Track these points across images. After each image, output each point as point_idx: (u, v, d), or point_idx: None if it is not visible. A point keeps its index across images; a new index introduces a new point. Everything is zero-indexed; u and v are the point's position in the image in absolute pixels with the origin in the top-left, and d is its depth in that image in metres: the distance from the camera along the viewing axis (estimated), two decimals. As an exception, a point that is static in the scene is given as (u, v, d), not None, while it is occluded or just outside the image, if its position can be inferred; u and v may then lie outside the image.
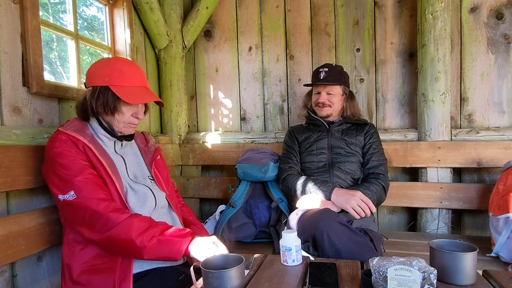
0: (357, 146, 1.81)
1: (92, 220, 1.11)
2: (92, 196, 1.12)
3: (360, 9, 2.27)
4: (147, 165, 1.40)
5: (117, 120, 1.24)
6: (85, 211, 1.11)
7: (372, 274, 0.88)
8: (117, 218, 1.11)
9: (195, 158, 2.44)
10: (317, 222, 1.34)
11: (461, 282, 0.92)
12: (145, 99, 1.25)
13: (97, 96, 1.21)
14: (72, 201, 1.12)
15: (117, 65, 1.24)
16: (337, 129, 1.84)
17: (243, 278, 0.95)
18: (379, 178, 1.69)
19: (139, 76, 1.28)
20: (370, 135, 1.82)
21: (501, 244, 1.50)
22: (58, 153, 1.14)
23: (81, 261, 1.17)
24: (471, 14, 2.08)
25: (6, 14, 1.34)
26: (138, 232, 1.09)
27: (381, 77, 2.26)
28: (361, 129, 1.84)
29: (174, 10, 2.37)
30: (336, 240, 1.27)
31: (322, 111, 1.83)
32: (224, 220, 1.87)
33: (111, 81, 1.21)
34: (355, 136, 1.82)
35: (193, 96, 2.61)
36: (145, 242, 1.09)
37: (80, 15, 1.96)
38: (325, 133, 1.84)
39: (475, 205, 1.95)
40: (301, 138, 1.89)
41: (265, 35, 2.44)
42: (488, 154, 1.94)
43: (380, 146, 1.84)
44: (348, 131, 1.84)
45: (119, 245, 1.11)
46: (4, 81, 1.33)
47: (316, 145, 1.83)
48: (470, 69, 2.11)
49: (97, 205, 1.11)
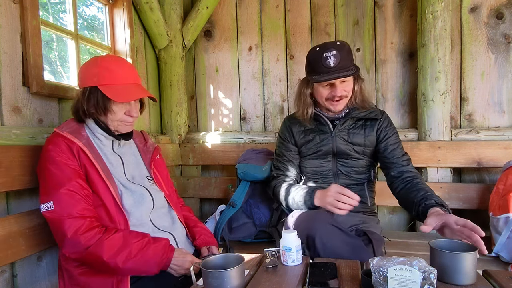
0: (367, 147, 1.55)
1: (63, 240, 1.10)
2: (68, 213, 1.09)
3: (360, 9, 2.27)
4: (146, 165, 1.40)
5: (110, 119, 1.23)
6: (57, 230, 1.11)
7: (372, 274, 0.88)
8: (88, 240, 1.09)
9: (195, 158, 2.44)
10: (310, 224, 1.30)
11: (461, 282, 0.91)
12: (134, 96, 1.22)
13: (88, 97, 1.19)
14: (48, 214, 1.11)
15: (105, 63, 1.21)
16: (341, 129, 1.55)
17: (243, 278, 0.95)
18: (421, 180, 1.43)
19: (129, 72, 1.25)
20: (385, 131, 1.54)
21: (501, 244, 1.50)
22: (50, 157, 1.14)
23: (78, 263, 1.16)
24: (471, 14, 2.08)
25: (6, 14, 1.34)
26: (109, 253, 1.08)
27: (381, 77, 2.26)
28: (370, 126, 1.54)
29: (174, 10, 2.37)
30: (329, 242, 1.24)
31: (338, 105, 1.48)
32: (224, 220, 1.87)
33: (100, 80, 1.19)
34: (364, 136, 1.53)
35: (193, 96, 2.61)
36: (119, 264, 1.08)
37: (80, 15, 1.96)
38: (329, 135, 1.55)
39: (475, 205, 1.95)
40: (300, 141, 1.61)
41: (265, 35, 2.44)
42: (488, 154, 1.94)
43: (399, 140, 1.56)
44: (354, 130, 1.54)
45: (94, 265, 1.12)
46: (4, 81, 1.33)
47: (319, 151, 1.57)
48: (470, 69, 2.10)
49: (68, 226, 1.08)
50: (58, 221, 1.09)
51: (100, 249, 1.08)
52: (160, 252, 1.14)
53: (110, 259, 1.07)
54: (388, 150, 1.52)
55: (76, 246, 1.09)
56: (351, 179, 1.57)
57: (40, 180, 1.16)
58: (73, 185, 1.13)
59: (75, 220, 1.10)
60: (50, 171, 1.13)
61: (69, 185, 1.12)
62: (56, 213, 1.10)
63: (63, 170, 1.13)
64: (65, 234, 1.09)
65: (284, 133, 1.67)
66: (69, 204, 1.10)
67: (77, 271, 1.16)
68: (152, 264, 1.12)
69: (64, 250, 1.11)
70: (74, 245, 1.09)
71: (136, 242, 1.12)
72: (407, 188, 1.42)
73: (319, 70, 1.42)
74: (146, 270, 1.12)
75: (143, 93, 1.25)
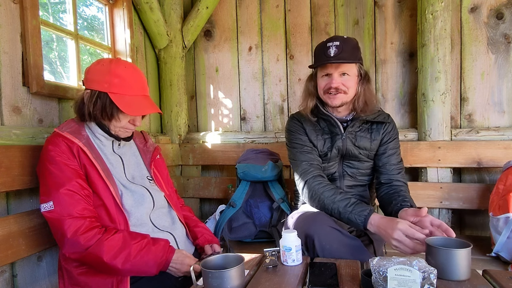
0: (372, 151, 1.52)
1: (62, 240, 1.10)
2: (68, 213, 1.09)
3: (360, 9, 2.27)
4: (146, 165, 1.40)
5: (113, 125, 1.24)
6: (57, 230, 1.11)
7: (372, 274, 0.88)
8: (87, 241, 1.08)
9: (195, 158, 2.44)
10: (308, 226, 1.29)
11: (455, 278, 0.94)
12: (144, 111, 1.24)
13: (95, 101, 1.19)
14: (48, 214, 1.10)
15: (118, 71, 1.20)
16: (351, 130, 1.49)
17: (243, 278, 0.95)
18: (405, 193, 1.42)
19: (140, 84, 1.26)
20: (388, 135, 1.51)
21: (501, 244, 1.50)
22: (50, 157, 1.14)
23: (78, 263, 1.16)
24: (471, 14, 2.08)
25: (6, 14, 1.34)
26: (109, 255, 1.08)
27: (381, 77, 2.26)
28: (377, 130, 1.50)
29: (174, 10, 2.36)
30: (327, 245, 1.24)
31: (334, 100, 1.41)
32: (224, 220, 1.87)
33: (110, 88, 1.18)
34: (371, 141, 1.50)
35: (193, 96, 2.61)
36: (118, 265, 1.08)
37: (80, 15, 1.96)
38: (339, 136, 1.48)
39: (475, 205, 1.95)
40: (312, 139, 1.51)
41: (265, 35, 2.44)
42: (488, 154, 1.94)
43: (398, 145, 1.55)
44: (361, 133, 1.50)
45: (94, 266, 1.12)
46: (4, 81, 1.33)
47: (328, 152, 1.50)
48: (470, 69, 2.10)
49: (68, 227, 1.08)
50: (58, 221, 1.09)
51: (100, 250, 1.08)
52: (160, 253, 1.14)
53: (109, 260, 1.07)
54: (386, 154, 1.51)
55: (75, 246, 1.09)
56: (356, 180, 1.55)
57: (40, 180, 1.16)
58: (73, 185, 1.13)
59: (75, 220, 1.09)
60: (50, 171, 1.13)
61: (69, 185, 1.12)
62: (56, 213, 1.10)
63: (63, 170, 1.13)
64: (64, 234, 1.08)
65: (294, 126, 1.57)
66: (69, 204, 1.10)
67: (77, 271, 1.16)
68: (152, 265, 1.12)
69: (64, 250, 1.11)
70: (74, 245, 1.09)
71: (135, 244, 1.12)
72: (390, 194, 1.44)
73: (320, 59, 1.42)
74: (146, 271, 1.12)
75: (152, 109, 1.26)
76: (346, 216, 1.29)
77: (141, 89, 1.26)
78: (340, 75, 1.40)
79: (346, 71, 1.40)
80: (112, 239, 1.11)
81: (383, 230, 1.20)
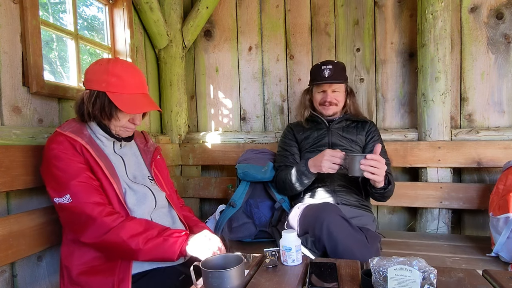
0: (358, 145, 1.80)
1: (86, 224, 1.11)
2: (87, 200, 1.11)
3: (360, 9, 2.27)
4: (146, 165, 1.40)
5: (113, 124, 1.24)
6: (79, 215, 1.11)
7: (372, 274, 0.88)
8: (112, 222, 1.11)
9: (195, 158, 2.44)
10: (318, 212, 1.38)
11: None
12: (143, 109, 1.24)
13: (94, 100, 1.19)
14: (67, 205, 1.11)
15: (116, 70, 1.20)
16: (337, 126, 1.83)
17: (243, 278, 0.95)
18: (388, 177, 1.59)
19: (139, 82, 1.26)
20: (372, 133, 1.81)
21: (501, 244, 1.50)
22: (55, 155, 1.14)
23: (79, 262, 1.17)
24: (471, 14, 2.08)
25: (6, 14, 1.34)
26: (130, 234, 1.09)
27: (381, 77, 2.26)
28: (361, 127, 1.83)
29: (174, 10, 2.37)
30: (335, 231, 1.29)
31: (328, 110, 1.81)
32: (224, 220, 1.87)
33: (108, 87, 1.19)
34: (356, 134, 1.81)
35: (193, 96, 2.61)
36: (140, 245, 1.09)
37: (80, 15, 1.96)
38: (325, 130, 1.83)
39: (475, 205, 1.95)
40: (300, 138, 1.87)
41: (265, 35, 2.44)
42: (488, 154, 1.94)
43: (383, 144, 1.79)
44: (348, 129, 1.83)
45: (114, 248, 1.12)
46: (4, 81, 1.33)
47: (316, 143, 1.81)
48: (470, 69, 2.10)
49: (91, 210, 1.10)
50: (80, 207, 1.10)
51: (123, 230, 1.10)
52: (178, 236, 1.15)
53: (130, 239, 1.09)
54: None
55: (101, 228, 1.10)
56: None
57: (47, 179, 1.16)
58: (84, 177, 1.14)
59: (96, 205, 1.12)
60: (58, 167, 1.13)
61: (80, 177, 1.13)
62: (76, 202, 1.11)
63: (70, 165, 1.14)
64: (90, 216, 1.10)
65: (286, 133, 1.94)
66: (87, 193, 1.12)
67: (77, 271, 1.16)
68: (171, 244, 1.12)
69: (85, 236, 1.11)
70: (100, 227, 1.10)
71: (158, 227, 1.16)
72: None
73: (317, 79, 1.80)
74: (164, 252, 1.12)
75: (151, 106, 1.26)
76: (295, 171, 1.66)
77: (140, 88, 1.26)
78: (332, 92, 1.79)
79: (337, 88, 1.80)
80: (137, 222, 1.14)
81: (317, 160, 1.55)
